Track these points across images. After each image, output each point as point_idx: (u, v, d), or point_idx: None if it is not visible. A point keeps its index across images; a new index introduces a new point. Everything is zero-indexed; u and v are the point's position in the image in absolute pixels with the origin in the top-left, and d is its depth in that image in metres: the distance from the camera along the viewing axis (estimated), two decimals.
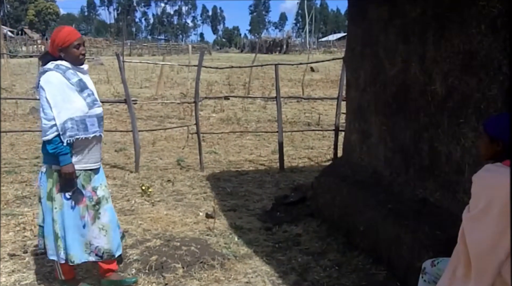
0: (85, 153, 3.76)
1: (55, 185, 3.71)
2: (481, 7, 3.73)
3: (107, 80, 22.28)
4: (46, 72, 3.64)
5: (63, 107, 3.58)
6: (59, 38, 3.68)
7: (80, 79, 3.74)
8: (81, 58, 3.75)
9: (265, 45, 61.33)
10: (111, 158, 9.20)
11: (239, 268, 4.48)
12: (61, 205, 3.73)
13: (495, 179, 2.46)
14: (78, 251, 3.81)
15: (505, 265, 2.41)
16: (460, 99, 4.02)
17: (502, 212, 2.38)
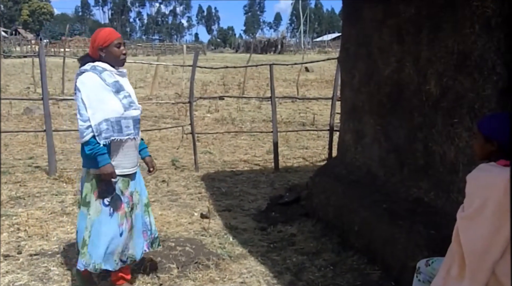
0: (122, 157, 3.69)
1: (93, 190, 3.64)
2: (475, 7, 3.75)
3: None
4: (83, 73, 3.60)
5: (97, 107, 3.52)
6: (99, 38, 3.65)
7: (117, 80, 3.68)
8: (122, 57, 3.71)
9: (260, 45, 61.35)
10: None
11: (234, 268, 4.48)
12: (99, 212, 3.64)
13: (490, 179, 2.47)
14: (109, 259, 3.71)
15: (499, 264, 2.41)
16: (454, 99, 4.03)
17: (496, 211, 2.38)
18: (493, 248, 2.40)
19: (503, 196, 2.37)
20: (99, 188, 3.62)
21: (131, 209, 3.79)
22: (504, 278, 2.42)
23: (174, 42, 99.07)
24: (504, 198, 2.37)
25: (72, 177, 7.51)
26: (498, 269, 2.42)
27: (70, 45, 54.36)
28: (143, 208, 3.97)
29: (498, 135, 2.56)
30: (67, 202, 6.39)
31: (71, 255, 4.66)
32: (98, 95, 3.54)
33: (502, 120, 2.60)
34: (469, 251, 2.47)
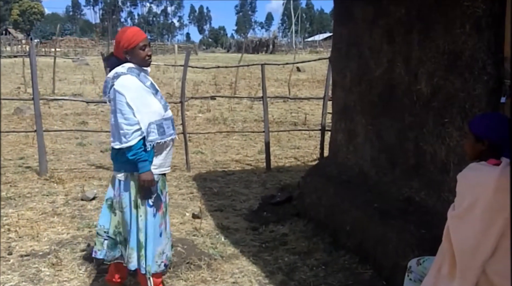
0: (163, 157, 3.65)
1: (139, 192, 3.59)
2: (465, 7, 3.76)
3: (93, 80, 22.16)
4: (120, 76, 3.49)
5: (144, 111, 3.45)
6: (124, 40, 3.53)
7: (151, 81, 3.65)
8: (147, 59, 3.62)
9: (252, 45, 61.35)
10: (97, 159, 9.15)
11: (226, 268, 4.47)
12: (145, 213, 3.61)
13: (480, 178, 2.48)
14: (150, 260, 3.67)
15: (490, 263, 2.43)
16: (445, 99, 4.04)
17: (486, 210, 2.40)
18: (483, 247, 2.41)
19: (493, 195, 2.38)
20: (144, 189, 3.58)
21: (166, 209, 3.80)
22: (494, 276, 2.43)
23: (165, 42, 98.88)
24: (494, 197, 2.38)
25: (63, 178, 7.48)
26: (489, 268, 2.43)
27: (61, 45, 54.17)
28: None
29: (488, 134, 2.58)
30: (58, 202, 6.36)
31: (62, 256, 4.64)
32: (142, 98, 3.49)
33: (492, 120, 2.63)
34: (459, 249, 2.48)
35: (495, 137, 2.56)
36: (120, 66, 3.56)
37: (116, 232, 3.71)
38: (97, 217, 5.82)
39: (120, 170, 3.61)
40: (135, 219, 3.61)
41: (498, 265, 2.42)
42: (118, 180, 3.63)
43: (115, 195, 3.67)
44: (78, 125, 12.63)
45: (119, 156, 3.56)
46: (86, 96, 17.23)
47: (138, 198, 3.57)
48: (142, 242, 3.60)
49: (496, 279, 2.43)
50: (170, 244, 3.84)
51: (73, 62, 33.41)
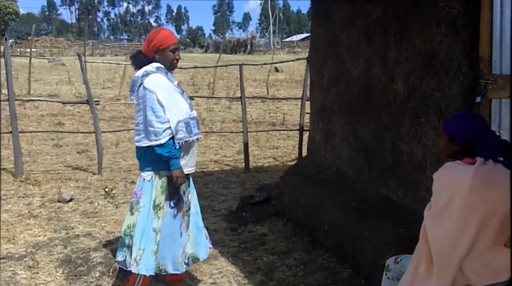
0: (189, 156, 3.69)
1: (163, 192, 3.60)
2: (441, 8, 3.81)
3: (69, 81, 21.93)
4: (150, 74, 3.54)
5: (173, 109, 3.50)
6: (157, 39, 3.59)
7: (177, 82, 3.71)
8: (174, 63, 3.68)
9: (230, 45, 61.31)
10: (73, 160, 9.06)
11: (205, 269, 4.46)
12: (165, 214, 3.63)
13: (455, 177, 2.51)
14: (173, 261, 3.71)
15: (466, 261, 2.46)
16: (421, 99, 4.09)
17: (462, 209, 2.43)
18: (459, 245, 2.44)
19: (468, 194, 2.41)
20: (168, 190, 3.61)
21: (188, 208, 3.80)
22: (471, 274, 2.46)
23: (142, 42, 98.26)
24: (469, 196, 2.41)
25: (39, 179, 7.39)
26: (465, 266, 2.46)
27: (37, 45, 53.51)
28: (198, 206, 3.99)
29: (460, 135, 2.61)
30: (34, 204, 6.28)
31: (39, 259, 4.59)
32: (172, 97, 3.54)
33: (465, 121, 2.65)
34: (436, 248, 2.51)
35: (467, 138, 2.59)
36: (148, 65, 3.61)
37: (126, 233, 3.67)
38: (74, 219, 5.79)
39: (147, 169, 3.62)
40: (152, 220, 3.59)
41: (474, 263, 2.46)
42: (143, 179, 3.64)
43: (135, 195, 3.66)
44: (54, 126, 12.49)
45: (148, 154, 3.58)
46: (62, 96, 17.06)
47: (161, 198, 3.59)
48: (159, 242, 3.61)
49: (472, 276, 2.46)
50: (192, 241, 3.86)
51: (49, 63, 33.07)
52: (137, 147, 3.62)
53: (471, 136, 2.58)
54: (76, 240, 5.07)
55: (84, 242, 5.02)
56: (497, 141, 2.58)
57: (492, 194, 2.43)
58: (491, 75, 3.55)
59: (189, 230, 3.84)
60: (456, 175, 2.51)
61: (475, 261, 2.45)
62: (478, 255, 2.45)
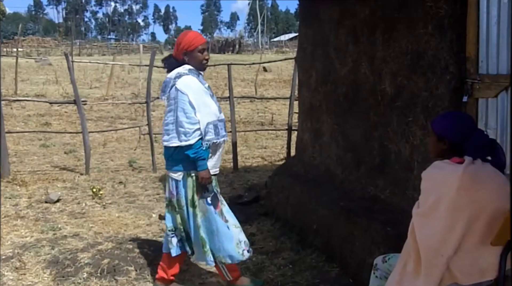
0: (216, 158, 3.77)
1: (196, 191, 3.71)
2: (428, 7, 3.82)
3: (56, 81, 21.78)
4: (182, 76, 3.63)
5: (204, 111, 3.60)
6: (184, 42, 3.68)
7: (208, 84, 3.77)
8: (204, 63, 3.76)
9: (218, 45, 61.22)
10: (61, 160, 9.01)
11: (194, 270, 4.45)
12: (206, 210, 3.73)
13: (444, 176, 2.52)
14: (230, 251, 3.77)
15: (454, 260, 2.47)
16: (408, 98, 4.10)
17: (449, 208, 2.44)
18: (447, 244, 2.45)
19: (456, 193, 2.42)
20: (201, 187, 3.71)
21: (223, 206, 3.87)
22: (458, 273, 2.47)
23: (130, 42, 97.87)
24: (457, 195, 2.42)
25: (26, 180, 7.34)
26: (453, 264, 2.48)
27: (23, 45, 53.08)
28: None
29: (449, 134, 2.62)
30: (21, 205, 6.24)
31: (26, 260, 4.55)
32: (202, 98, 3.63)
33: (453, 120, 2.67)
34: (424, 246, 2.52)
35: (455, 137, 2.60)
36: (181, 67, 3.70)
37: (181, 230, 3.85)
38: (61, 219, 5.75)
39: (176, 169, 3.72)
40: (192, 217, 3.74)
41: (461, 262, 2.47)
42: (174, 180, 3.74)
43: (172, 194, 3.78)
44: (41, 126, 12.42)
45: (176, 154, 3.67)
46: (49, 96, 16.95)
47: (195, 197, 3.71)
48: (204, 238, 3.74)
49: (459, 275, 2.47)
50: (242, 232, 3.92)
51: (36, 62, 32.84)
52: (165, 147, 3.72)
53: (459, 135, 2.60)
54: (64, 241, 5.04)
55: (72, 243, 4.99)
56: (485, 140, 2.60)
57: (480, 193, 2.44)
58: (478, 75, 3.58)
59: (236, 223, 3.91)
60: (445, 174, 2.52)
61: (462, 260, 2.47)
62: (465, 254, 2.46)
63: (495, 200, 2.46)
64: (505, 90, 3.41)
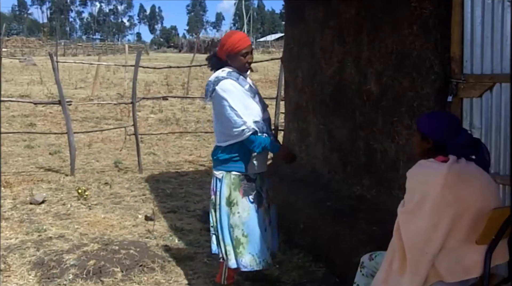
0: (260, 156, 3.75)
1: (237, 189, 3.69)
2: (413, 8, 3.85)
3: (40, 81, 21.61)
4: (221, 80, 3.62)
5: (246, 113, 3.57)
6: (228, 43, 3.64)
7: (250, 85, 3.74)
8: (246, 66, 3.71)
9: (204, 45, 61.08)
10: (46, 161, 8.94)
11: (180, 270, 4.44)
12: (248, 209, 3.70)
13: (429, 175, 2.55)
14: (259, 256, 3.73)
15: (439, 258, 2.49)
16: (393, 98, 4.13)
17: (434, 207, 2.46)
18: (432, 242, 2.47)
19: (441, 191, 2.44)
20: (242, 185, 3.70)
21: (268, 206, 3.85)
22: (443, 270, 2.49)
23: (115, 42, 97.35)
24: (442, 193, 2.44)
25: (11, 181, 7.27)
26: (438, 262, 2.49)
27: (7, 45, 52.61)
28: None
29: (433, 133, 2.65)
30: (6, 206, 6.18)
31: (11, 261, 4.51)
32: (243, 101, 3.60)
33: (438, 119, 2.70)
34: (409, 244, 2.54)
35: (439, 136, 2.63)
36: (220, 70, 3.69)
37: (216, 228, 3.81)
38: (46, 221, 5.71)
39: (219, 168, 3.76)
40: (227, 216, 3.72)
41: (446, 260, 2.49)
42: (217, 179, 3.78)
43: (213, 192, 3.81)
44: (25, 127, 12.32)
45: (221, 154, 3.72)
46: (34, 97, 16.79)
47: (234, 195, 3.70)
48: (240, 238, 3.69)
49: (444, 273, 2.49)
50: (276, 239, 3.92)
51: (20, 63, 32.52)
52: (215, 147, 3.80)
53: (443, 134, 2.62)
54: (49, 242, 5.00)
55: (57, 244, 4.95)
56: (469, 139, 2.63)
57: (464, 192, 2.46)
58: (462, 75, 3.61)
59: (273, 226, 3.91)
60: (429, 173, 2.55)
61: (447, 258, 2.49)
62: (450, 252, 2.48)
63: (480, 198, 2.48)
64: (489, 89, 3.44)
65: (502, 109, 3.37)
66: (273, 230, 3.94)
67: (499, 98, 3.39)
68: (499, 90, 3.38)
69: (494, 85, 3.40)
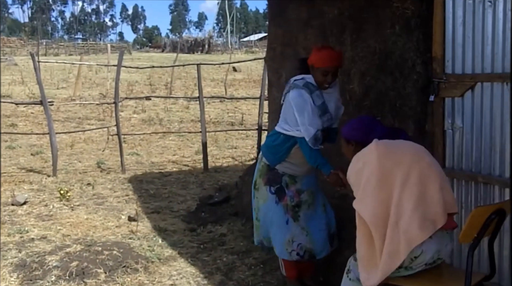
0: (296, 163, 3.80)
1: (262, 176, 3.87)
2: (395, 8, 3.88)
3: (22, 81, 21.40)
4: (295, 88, 3.66)
5: (314, 121, 3.58)
6: (315, 55, 3.63)
7: (323, 102, 3.67)
8: (323, 85, 3.65)
9: (187, 44, 60.91)
10: (27, 162, 8.86)
11: (164, 271, 4.42)
12: (266, 198, 3.86)
13: (362, 159, 2.78)
14: (279, 246, 3.85)
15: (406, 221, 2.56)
16: (376, 98, 4.15)
17: (379, 178, 2.65)
18: (392, 209, 2.61)
19: (377, 163, 2.66)
20: (267, 175, 3.84)
21: (295, 205, 3.84)
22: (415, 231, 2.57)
23: (97, 42, 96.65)
24: (380, 164, 2.66)
25: None
26: (410, 227, 2.58)
27: None
28: (321, 207, 4.02)
29: (353, 135, 3.00)
30: None
31: None
32: (306, 116, 3.58)
33: (353, 122, 3.06)
34: (372, 221, 2.66)
35: (357, 136, 2.95)
36: (301, 76, 3.71)
37: (255, 216, 4.04)
38: (28, 222, 5.66)
39: (262, 149, 4.03)
40: (253, 197, 4.01)
41: (412, 220, 2.58)
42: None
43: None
44: (7, 127, 12.18)
45: (269, 136, 3.98)
46: (15, 97, 16.63)
47: (259, 181, 3.91)
48: (254, 220, 4.02)
49: (417, 232, 2.57)
50: (309, 238, 3.88)
51: (1, 63, 32.18)
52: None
53: (359, 133, 2.96)
54: (31, 243, 4.96)
55: (39, 245, 4.91)
56: (385, 131, 2.92)
57: (399, 153, 2.70)
58: (444, 74, 3.64)
59: (307, 226, 3.88)
60: (361, 157, 2.79)
61: (414, 217, 2.57)
62: (413, 212, 2.60)
63: (414, 154, 2.71)
64: (470, 89, 3.47)
65: (483, 109, 3.41)
66: (316, 231, 3.92)
67: (480, 98, 3.43)
68: (480, 90, 3.42)
69: (476, 85, 3.44)
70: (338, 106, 3.86)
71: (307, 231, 3.88)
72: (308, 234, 3.88)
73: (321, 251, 3.93)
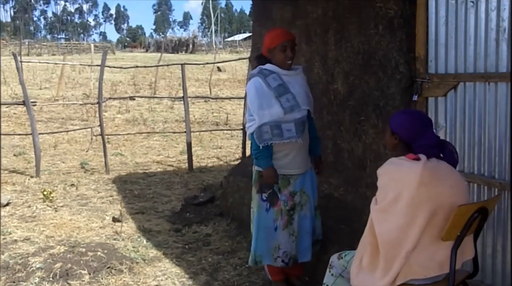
0: (284, 158, 3.71)
1: (254, 184, 3.80)
2: (378, 8, 3.90)
3: (4, 81, 21.17)
4: (251, 78, 3.72)
5: (258, 113, 3.59)
6: (267, 39, 3.68)
7: (281, 83, 3.63)
8: (286, 62, 3.65)
9: (171, 44, 60.72)
10: (10, 163, 8.77)
11: (148, 272, 4.41)
12: (258, 206, 3.78)
13: (402, 172, 2.59)
14: (265, 253, 3.80)
15: (413, 254, 2.53)
16: (360, 98, 4.17)
17: (409, 204, 2.50)
18: (407, 239, 2.51)
19: (416, 189, 2.49)
20: (259, 182, 3.76)
21: (290, 209, 3.78)
22: (417, 267, 2.53)
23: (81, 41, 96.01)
24: (417, 191, 2.49)
25: None
26: (412, 259, 2.53)
27: None
28: (313, 211, 3.93)
29: (399, 130, 2.72)
30: None
31: None
32: (260, 101, 3.59)
33: (405, 117, 2.76)
34: (384, 241, 2.57)
35: (405, 135, 2.70)
36: (258, 67, 3.71)
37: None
38: (11, 223, 5.60)
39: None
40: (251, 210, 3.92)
41: (420, 256, 2.53)
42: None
43: None
44: None
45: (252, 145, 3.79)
46: None
47: (253, 190, 3.84)
48: (253, 233, 3.84)
49: (419, 269, 2.53)
50: (295, 243, 3.84)
51: None
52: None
53: (408, 133, 2.68)
54: (14, 245, 4.91)
55: (23, 247, 4.86)
56: (434, 140, 2.68)
57: (439, 189, 2.52)
58: (427, 74, 3.67)
59: (295, 231, 3.83)
60: (403, 171, 2.59)
61: (421, 254, 2.53)
62: (424, 248, 2.52)
63: (452, 195, 2.55)
64: (453, 89, 3.50)
65: (466, 108, 3.44)
66: (303, 236, 3.89)
67: (463, 97, 3.45)
68: (463, 89, 3.45)
69: (458, 84, 3.47)
70: (306, 91, 3.83)
71: (295, 236, 3.85)
72: (295, 240, 3.86)
73: (303, 257, 3.94)
